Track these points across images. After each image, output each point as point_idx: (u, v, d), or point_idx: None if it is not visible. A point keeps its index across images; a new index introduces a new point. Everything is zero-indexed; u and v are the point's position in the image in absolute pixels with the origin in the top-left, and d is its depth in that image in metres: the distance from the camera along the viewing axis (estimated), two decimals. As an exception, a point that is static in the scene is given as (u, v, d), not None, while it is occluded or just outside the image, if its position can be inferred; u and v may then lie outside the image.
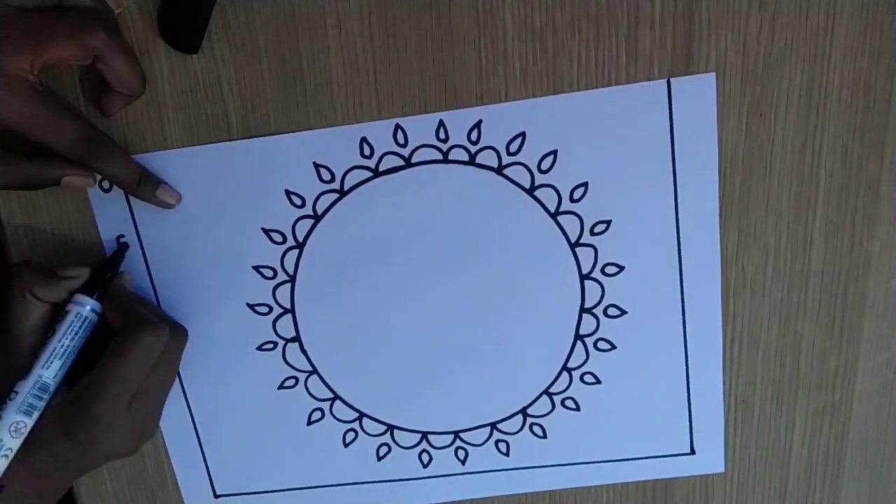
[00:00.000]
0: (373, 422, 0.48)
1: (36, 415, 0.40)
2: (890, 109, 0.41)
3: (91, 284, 0.42)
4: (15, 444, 0.39)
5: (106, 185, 0.43)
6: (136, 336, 0.40)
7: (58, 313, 0.41)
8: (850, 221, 0.43)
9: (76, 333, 0.41)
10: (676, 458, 0.48)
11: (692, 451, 0.48)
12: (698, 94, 0.40)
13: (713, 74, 0.40)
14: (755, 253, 0.43)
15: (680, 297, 0.44)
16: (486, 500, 0.50)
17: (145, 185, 0.42)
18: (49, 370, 0.40)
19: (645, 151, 0.41)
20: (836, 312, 0.45)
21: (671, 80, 0.40)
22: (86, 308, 0.41)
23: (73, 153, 0.40)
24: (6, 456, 0.39)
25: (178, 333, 0.44)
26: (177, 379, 0.47)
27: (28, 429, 0.39)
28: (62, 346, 0.40)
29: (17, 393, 0.39)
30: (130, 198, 0.43)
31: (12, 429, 0.39)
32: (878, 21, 0.39)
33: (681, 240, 0.43)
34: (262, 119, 0.42)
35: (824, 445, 0.48)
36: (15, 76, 0.37)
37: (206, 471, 0.49)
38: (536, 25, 0.40)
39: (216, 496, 0.50)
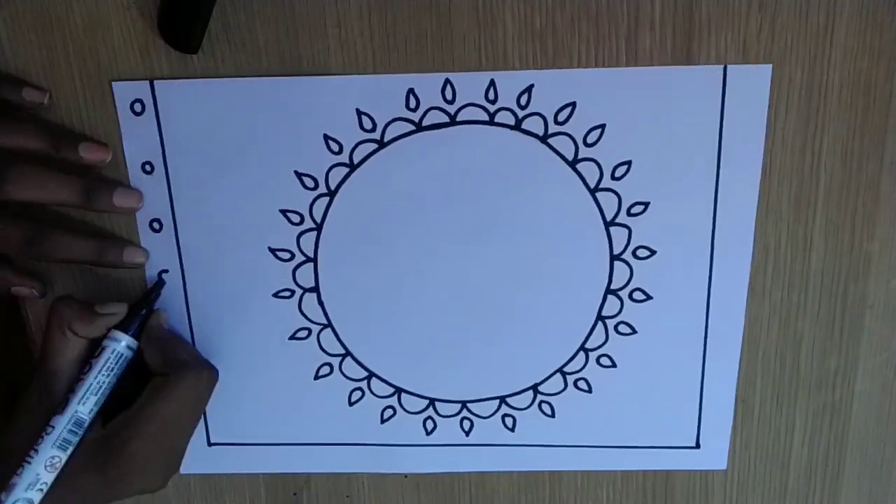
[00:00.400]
0: (381, 383, 0.47)
1: (70, 450, 0.40)
2: (890, 109, 0.41)
3: (128, 321, 0.42)
4: (50, 478, 0.39)
5: (137, 107, 0.41)
6: (177, 380, 0.40)
7: (94, 348, 0.42)
8: (850, 221, 0.43)
9: (111, 370, 0.41)
10: (681, 450, 0.48)
11: (697, 446, 0.47)
12: (753, 84, 0.40)
13: (769, 66, 0.39)
14: (755, 253, 0.43)
15: (707, 290, 0.44)
16: (484, 474, 0.49)
17: (107, 253, 0.42)
18: (85, 406, 0.40)
19: (692, 136, 0.41)
20: (836, 312, 0.45)
21: (727, 66, 0.39)
22: (121, 344, 0.41)
23: (24, 255, 0.40)
24: (41, 490, 0.39)
25: (212, 374, 0.44)
26: (184, 315, 0.46)
27: (62, 463, 0.40)
28: (98, 382, 0.41)
29: (53, 428, 0.39)
30: (162, 125, 0.42)
31: (48, 463, 0.39)
32: (878, 21, 0.39)
33: (715, 232, 0.42)
34: (262, 119, 0.42)
35: (824, 445, 0.48)
36: None
37: (203, 417, 0.48)
38: (536, 25, 0.40)
39: (210, 444, 0.49)
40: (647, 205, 0.42)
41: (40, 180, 0.39)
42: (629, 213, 0.43)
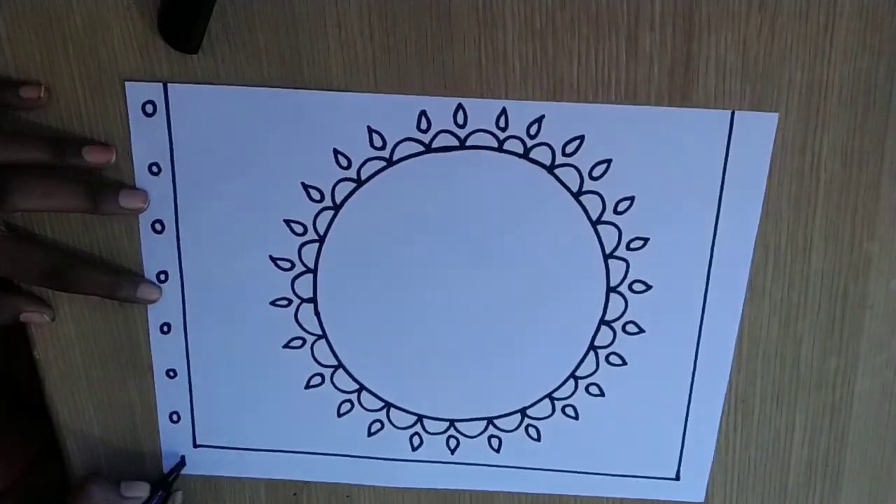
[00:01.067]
0: (371, 396, 0.47)
1: None
2: (890, 109, 0.41)
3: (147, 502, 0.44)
4: None
5: (149, 108, 0.41)
6: None
7: None
8: (850, 221, 0.43)
9: None
10: (661, 481, 0.48)
11: (677, 477, 0.48)
12: (758, 130, 0.40)
13: (776, 115, 0.40)
14: (755, 253, 0.43)
15: (698, 328, 0.44)
16: (466, 492, 0.50)
17: (123, 286, 0.42)
18: None
19: (696, 177, 0.41)
20: (836, 312, 0.45)
21: (735, 112, 0.40)
22: None
23: (41, 285, 0.40)
24: None
25: None
26: (180, 317, 0.46)
27: None
28: None
29: None
30: (172, 127, 0.42)
31: None
32: (878, 21, 0.39)
33: (711, 271, 0.43)
34: (262, 119, 0.42)
35: (824, 445, 0.48)
36: None
37: (190, 418, 0.48)
38: (536, 25, 0.40)
39: (195, 445, 0.49)
40: (646, 240, 0.43)
41: (46, 189, 0.39)
42: (628, 248, 0.43)
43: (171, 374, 0.48)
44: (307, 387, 0.47)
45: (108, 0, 0.40)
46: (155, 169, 0.43)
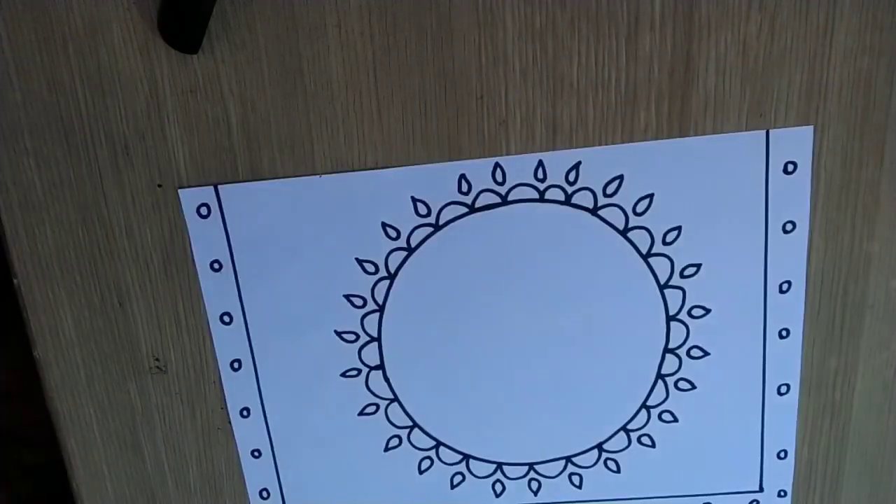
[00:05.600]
0: (449, 450, 0.48)
1: None
2: (890, 109, 0.41)
3: None
4: None
5: (203, 210, 0.44)
6: None
7: None
8: (850, 221, 0.43)
9: None
10: (745, 494, 0.49)
11: (761, 489, 0.48)
12: (796, 144, 0.41)
13: (811, 127, 0.40)
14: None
15: (762, 341, 0.45)
16: None
17: None
18: None
19: (740, 198, 0.42)
20: (836, 312, 0.45)
21: (770, 131, 0.41)
22: None
23: None
24: None
25: None
26: (258, 400, 0.48)
27: None
28: None
29: None
30: (228, 225, 0.44)
31: None
32: (878, 21, 0.39)
33: (767, 285, 0.44)
34: (261, 119, 0.42)
35: (824, 445, 0.48)
36: None
37: (279, 494, 0.50)
38: (536, 25, 0.40)
39: None
40: (699, 266, 0.43)
41: None
42: (682, 276, 0.44)
43: (256, 454, 0.49)
44: (386, 449, 0.49)
45: (108, 0, 0.40)
46: (216, 266, 0.45)
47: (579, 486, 0.49)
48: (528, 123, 0.41)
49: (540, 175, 0.42)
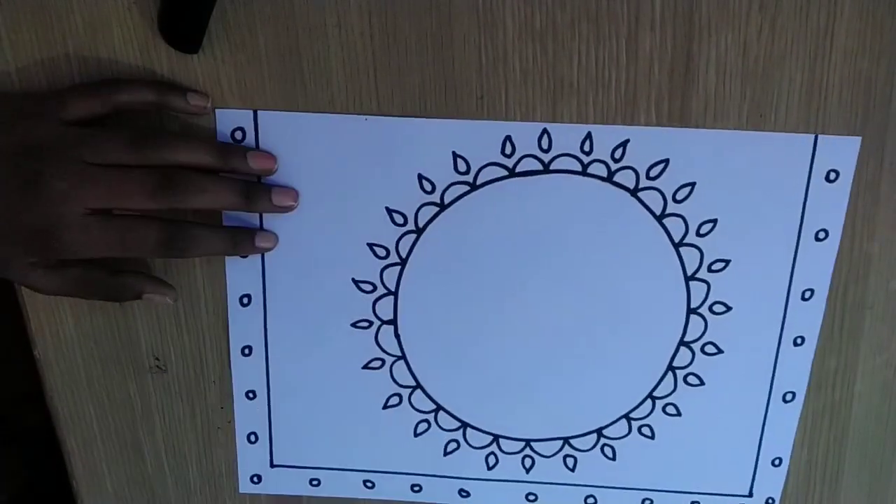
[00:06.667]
0: (448, 416, 0.48)
1: None
2: (890, 109, 0.41)
3: None
4: None
5: (238, 135, 0.42)
6: None
7: None
8: (850, 221, 0.43)
9: None
10: (734, 498, 0.49)
11: (750, 495, 0.48)
12: (841, 154, 0.41)
13: (858, 138, 0.40)
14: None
15: (776, 348, 0.45)
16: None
17: (241, 244, 0.43)
18: None
19: (778, 200, 0.42)
20: (836, 312, 0.45)
21: (818, 136, 0.40)
22: None
23: (157, 255, 0.41)
24: None
25: None
26: (262, 337, 0.46)
27: None
28: None
29: None
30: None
31: None
32: (878, 21, 0.39)
33: (791, 291, 0.44)
34: (262, 119, 0.42)
35: (824, 445, 0.48)
36: (85, 213, 0.38)
37: (268, 439, 0.49)
38: (536, 25, 0.40)
39: (272, 465, 0.50)
40: (727, 262, 0.43)
41: (210, 188, 0.40)
42: (710, 269, 0.43)
43: (251, 395, 0.48)
44: (385, 407, 0.48)
45: (108, 0, 0.40)
46: None
47: (572, 469, 0.49)
48: (528, 123, 0.41)
49: (586, 147, 0.41)
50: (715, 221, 0.42)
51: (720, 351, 0.45)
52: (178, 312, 0.46)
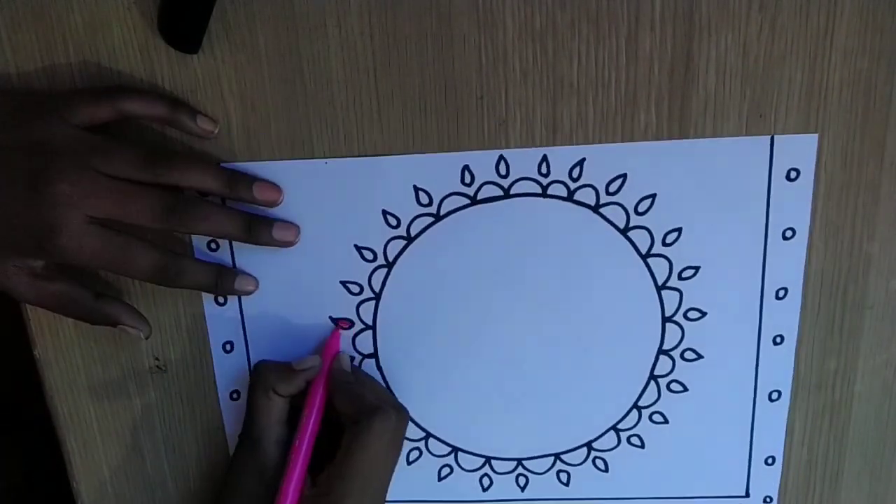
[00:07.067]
0: (438, 442, 0.48)
1: None
2: (890, 109, 0.41)
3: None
4: None
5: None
6: (370, 426, 0.41)
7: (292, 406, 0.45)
8: (850, 221, 0.43)
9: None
10: (731, 499, 0.49)
11: (747, 494, 0.49)
12: (799, 152, 0.41)
13: (815, 135, 0.41)
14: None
15: (756, 346, 0.45)
16: None
17: (223, 283, 0.43)
18: None
19: (741, 202, 0.42)
20: (836, 312, 0.45)
21: (774, 136, 0.41)
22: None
23: (150, 281, 0.41)
24: None
25: (401, 413, 0.44)
26: (244, 387, 0.47)
27: None
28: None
29: None
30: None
31: None
32: (878, 21, 0.39)
33: (764, 291, 0.44)
34: (262, 119, 0.42)
35: (824, 445, 0.48)
36: (87, 222, 0.38)
37: None
38: (536, 25, 0.40)
39: None
40: (697, 269, 0.43)
41: (214, 215, 0.41)
42: (680, 277, 0.44)
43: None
44: None
45: (108, 0, 0.40)
46: (213, 245, 0.45)
47: (567, 484, 0.49)
48: (527, 124, 0.41)
49: (543, 170, 0.42)
50: (680, 230, 0.43)
51: (700, 356, 0.45)
52: (178, 313, 0.46)
